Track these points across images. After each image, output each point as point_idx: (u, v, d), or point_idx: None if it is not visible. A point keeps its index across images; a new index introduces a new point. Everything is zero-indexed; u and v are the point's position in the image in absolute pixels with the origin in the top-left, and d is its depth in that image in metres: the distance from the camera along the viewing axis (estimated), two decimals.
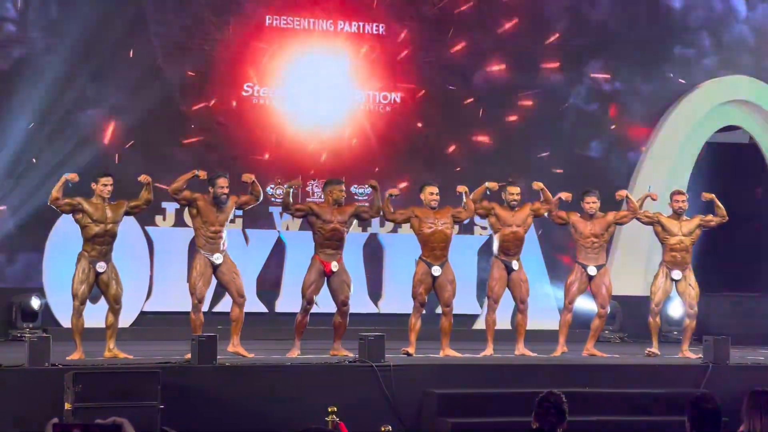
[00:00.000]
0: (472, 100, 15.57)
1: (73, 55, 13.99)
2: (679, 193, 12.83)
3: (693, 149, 16.23)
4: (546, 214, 12.55)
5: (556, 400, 6.43)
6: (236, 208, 11.70)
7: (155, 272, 14.21)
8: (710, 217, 12.68)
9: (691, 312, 12.56)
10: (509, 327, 13.11)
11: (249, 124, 14.88)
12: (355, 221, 12.23)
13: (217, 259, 11.29)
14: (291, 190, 11.80)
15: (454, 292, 11.98)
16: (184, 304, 11.72)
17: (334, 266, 11.64)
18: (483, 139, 15.67)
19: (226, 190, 11.36)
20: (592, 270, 12.41)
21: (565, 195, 12.52)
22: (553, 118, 15.87)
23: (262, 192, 11.70)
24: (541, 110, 15.81)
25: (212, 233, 11.32)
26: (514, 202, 12.29)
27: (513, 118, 15.76)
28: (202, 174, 11.48)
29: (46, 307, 13.62)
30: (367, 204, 12.72)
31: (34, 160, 13.80)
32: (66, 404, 9.28)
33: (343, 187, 11.92)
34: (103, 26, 14.07)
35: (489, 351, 12.11)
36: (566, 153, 15.77)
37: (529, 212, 12.37)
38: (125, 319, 12.55)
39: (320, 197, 13.81)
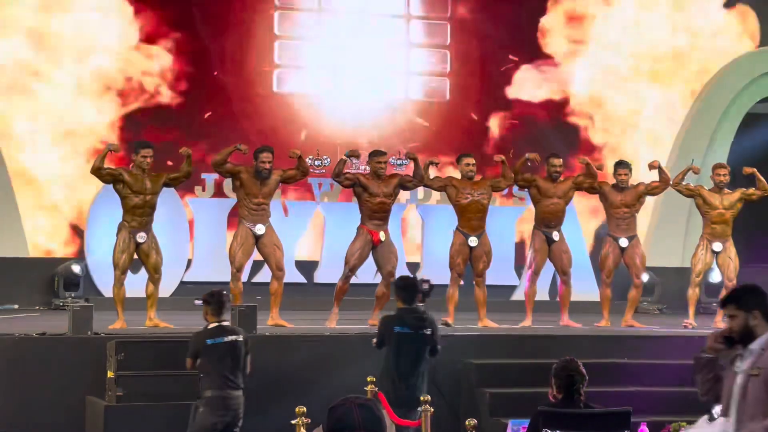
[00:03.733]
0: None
1: None
2: (721, 166, 12.72)
3: (733, 120, 16.10)
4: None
5: (575, 366, 6.36)
6: (281, 182, 11.63)
7: (195, 242, 14.30)
8: (752, 190, 12.57)
9: (729, 284, 12.47)
10: (547, 298, 13.06)
11: (288, 99, 14.91)
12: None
13: (259, 230, 11.32)
14: (348, 160, 11.79)
15: (488, 264, 11.96)
16: (224, 274, 11.79)
17: (382, 236, 11.66)
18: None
19: (268, 165, 11.34)
20: (623, 242, 12.35)
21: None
22: None
23: (309, 168, 11.72)
24: None
25: (255, 205, 11.34)
26: (556, 174, 12.22)
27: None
28: (245, 147, 11.50)
29: (87, 277, 13.74)
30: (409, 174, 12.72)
31: None
32: (108, 372, 9.39)
33: (383, 159, 11.86)
34: None
35: (528, 322, 12.10)
36: None
37: (571, 185, 12.29)
38: (166, 289, 12.64)
39: (358, 169, 13.83)
